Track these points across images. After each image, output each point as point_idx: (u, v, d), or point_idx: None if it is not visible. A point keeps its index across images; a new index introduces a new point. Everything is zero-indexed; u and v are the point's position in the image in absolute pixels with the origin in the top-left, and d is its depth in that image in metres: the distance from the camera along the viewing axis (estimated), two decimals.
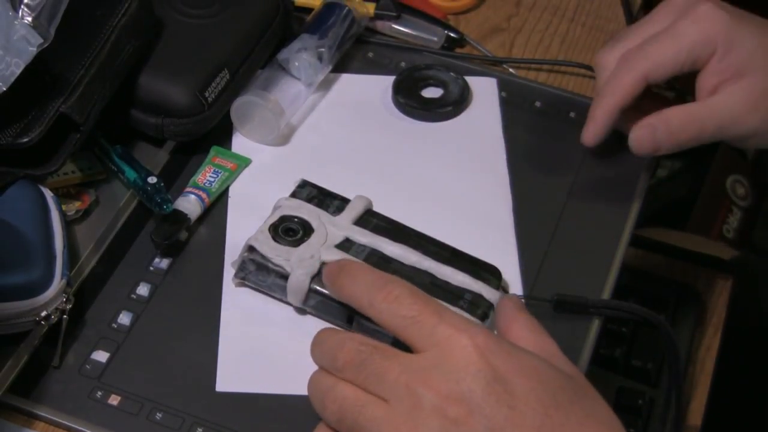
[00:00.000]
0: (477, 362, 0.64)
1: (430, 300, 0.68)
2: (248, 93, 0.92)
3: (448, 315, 0.66)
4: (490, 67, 1.02)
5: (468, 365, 0.64)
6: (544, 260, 0.87)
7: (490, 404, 0.63)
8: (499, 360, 0.64)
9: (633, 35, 0.90)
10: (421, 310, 0.67)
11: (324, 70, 0.96)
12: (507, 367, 0.64)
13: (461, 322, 0.66)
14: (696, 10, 0.87)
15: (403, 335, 0.67)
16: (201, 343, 0.80)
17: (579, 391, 0.66)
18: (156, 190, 0.85)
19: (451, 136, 0.95)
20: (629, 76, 0.87)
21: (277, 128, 0.92)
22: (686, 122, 0.87)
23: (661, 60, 0.87)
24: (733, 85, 0.86)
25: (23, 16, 0.78)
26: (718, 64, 0.86)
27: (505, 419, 0.63)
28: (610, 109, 0.88)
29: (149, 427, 0.75)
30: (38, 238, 0.78)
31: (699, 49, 0.86)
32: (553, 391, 0.64)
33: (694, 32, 0.87)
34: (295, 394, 0.77)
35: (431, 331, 0.66)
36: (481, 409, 0.63)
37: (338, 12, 0.98)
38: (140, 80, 0.89)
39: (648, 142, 0.88)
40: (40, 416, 0.76)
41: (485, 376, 0.64)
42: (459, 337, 0.65)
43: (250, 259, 0.81)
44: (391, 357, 0.66)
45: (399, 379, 0.65)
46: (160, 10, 0.92)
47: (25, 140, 0.80)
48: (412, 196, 0.90)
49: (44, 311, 0.76)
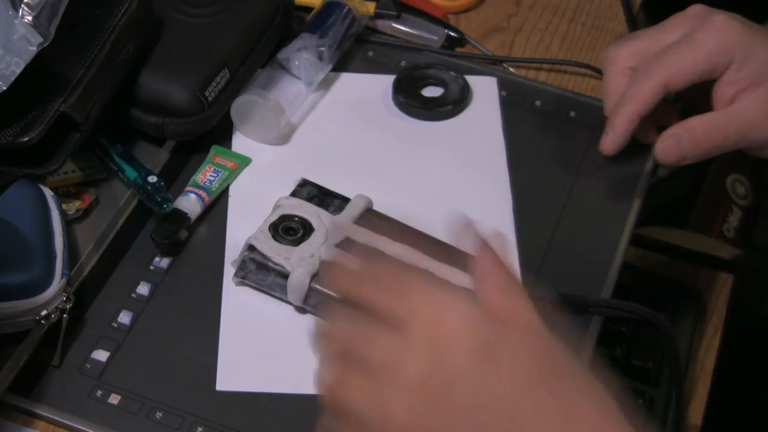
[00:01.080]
0: (461, 334, 0.64)
1: (413, 276, 0.67)
2: (248, 92, 0.92)
3: (431, 290, 0.66)
4: (491, 67, 1.02)
5: (451, 338, 0.64)
6: (544, 259, 0.87)
7: (473, 376, 0.63)
8: (484, 331, 0.64)
9: (645, 39, 0.91)
10: (404, 287, 0.66)
11: (324, 69, 0.96)
12: (492, 339, 0.63)
13: (444, 295, 0.66)
14: (712, 20, 0.88)
15: (386, 310, 0.66)
16: (201, 342, 0.80)
17: (564, 362, 0.65)
18: (156, 189, 0.85)
19: (451, 135, 0.95)
20: (649, 84, 0.88)
21: (278, 127, 0.92)
22: (710, 130, 0.88)
23: (680, 68, 0.88)
24: (750, 93, 0.88)
25: (23, 15, 0.78)
26: (736, 73, 0.88)
27: (488, 391, 0.63)
28: (631, 118, 0.89)
29: (149, 426, 0.75)
30: (38, 237, 0.78)
31: (717, 58, 0.88)
32: (538, 363, 0.63)
33: (712, 42, 0.88)
34: (294, 393, 0.78)
35: (414, 306, 0.65)
36: (463, 380, 0.63)
37: (338, 11, 0.98)
38: (140, 79, 0.89)
39: (674, 152, 0.89)
40: (41, 415, 0.76)
41: (470, 347, 0.63)
42: (443, 310, 0.64)
43: (250, 258, 0.81)
44: (374, 336, 0.66)
45: (383, 356, 0.65)
46: (160, 10, 0.92)
47: (25, 139, 0.80)
48: (412, 195, 0.90)
49: (44, 310, 0.76)
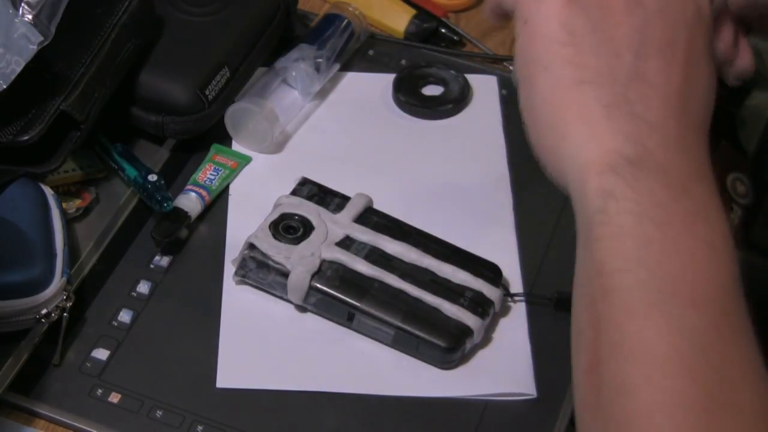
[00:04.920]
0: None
1: None
2: (243, 100, 0.92)
3: None
4: (491, 65, 1.02)
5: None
6: (545, 258, 0.87)
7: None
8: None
9: None
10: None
11: (321, 81, 0.96)
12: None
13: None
14: None
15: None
16: (201, 340, 0.80)
17: None
18: (156, 188, 0.85)
19: (452, 133, 0.95)
20: None
21: (272, 136, 0.91)
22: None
23: None
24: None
25: (24, 14, 0.78)
26: None
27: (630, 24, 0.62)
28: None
29: (149, 424, 0.75)
30: (38, 236, 0.78)
31: None
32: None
33: None
34: (295, 391, 0.78)
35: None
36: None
37: (338, 23, 0.98)
38: (141, 78, 0.89)
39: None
40: (41, 414, 0.76)
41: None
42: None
43: (250, 256, 0.81)
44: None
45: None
46: (160, 8, 0.92)
47: (25, 138, 0.80)
48: (412, 193, 0.90)
49: (44, 309, 0.76)
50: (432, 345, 0.78)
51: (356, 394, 0.78)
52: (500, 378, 0.79)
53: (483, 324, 0.80)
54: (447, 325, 0.79)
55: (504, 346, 0.81)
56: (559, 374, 0.80)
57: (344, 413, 0.77)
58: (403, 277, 0.81)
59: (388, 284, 0.80)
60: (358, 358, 0.80)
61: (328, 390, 0.78)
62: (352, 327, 0.80)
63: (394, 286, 0.80)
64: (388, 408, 0.78)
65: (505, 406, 0.78)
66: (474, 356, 0.80)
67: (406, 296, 0.80)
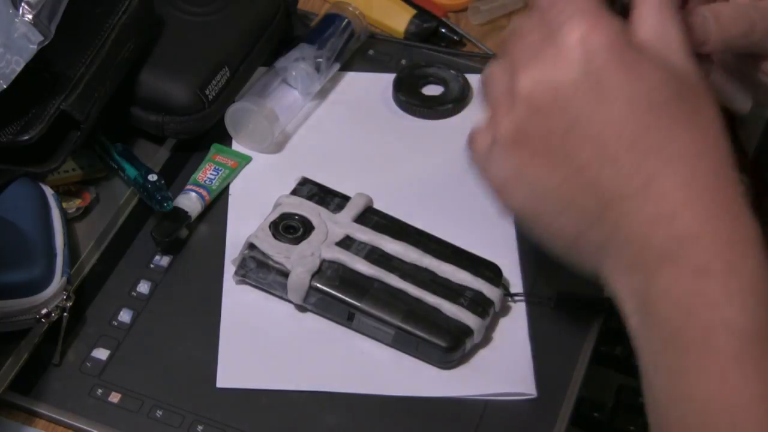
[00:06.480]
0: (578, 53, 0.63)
1: None
2: (243, 100, 0.92)
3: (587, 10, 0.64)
4: None
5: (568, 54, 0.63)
6: (545, 258, 0.86)
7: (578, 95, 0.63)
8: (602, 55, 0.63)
9: None
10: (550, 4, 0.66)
11: (321, 81, 0.96)
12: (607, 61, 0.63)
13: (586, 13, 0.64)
14: None
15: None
16: (201, 340, 0.80)
17: (681, 91, 0.64)
18: (156, 187, 0.85)
19: (452, 133, 0.95)
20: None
21: (271, 135, 0.91)
22: (737, 18, 0.84)
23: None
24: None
25: (24, 13, 0.78)
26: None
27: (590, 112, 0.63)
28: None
29: (150, 424, 0.75)
30: (39, 235, 0.78)
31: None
32: (648, 90, 0.63)
33: None
34: (295, 390, 0.78)
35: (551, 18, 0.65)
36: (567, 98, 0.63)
37: (338, 23, 0.98)
38: (141, 78, 0.89)
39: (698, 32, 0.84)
40: (41, 414, 0.76)
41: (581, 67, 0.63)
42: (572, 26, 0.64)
43: (250, 256, 0.81)
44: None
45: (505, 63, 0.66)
46: (160, 8, 0.92)
47: (25, 138, 0.80)
48: (412, 193, 0.90)
49: (45, 309, 0.76)
50: (432, 345, 0.78)
51: (356, 394, 0.78)
52: (500, 378, 0.79)
53: (483, 324, 0.80)
54: (447, 324, 0.79)
55: (504, 345, 0.81)
56: (559, 374, 0.80)
57: (344, 413, 0.77)
58: (403, 277, 0.81)
59: (388, 284, 0.80)
60: (358, 357, 0.80)
61: (328, 390, 0.78)
62: (352, 327, 0.80)
63: (394, 285, 0.80)
64: (388, 408, 0.78)
65: (505, 406, 0.78)
66: (474, 356, 0.80)
67: (406, 296, 0.80)
